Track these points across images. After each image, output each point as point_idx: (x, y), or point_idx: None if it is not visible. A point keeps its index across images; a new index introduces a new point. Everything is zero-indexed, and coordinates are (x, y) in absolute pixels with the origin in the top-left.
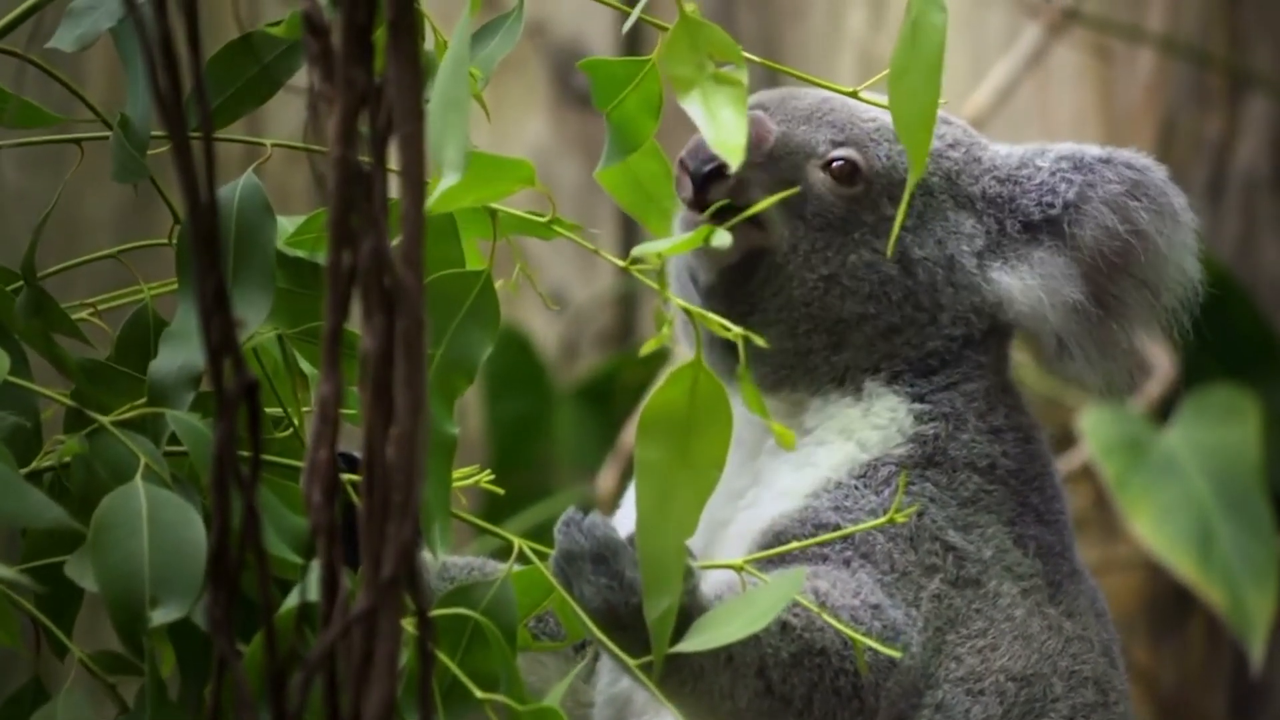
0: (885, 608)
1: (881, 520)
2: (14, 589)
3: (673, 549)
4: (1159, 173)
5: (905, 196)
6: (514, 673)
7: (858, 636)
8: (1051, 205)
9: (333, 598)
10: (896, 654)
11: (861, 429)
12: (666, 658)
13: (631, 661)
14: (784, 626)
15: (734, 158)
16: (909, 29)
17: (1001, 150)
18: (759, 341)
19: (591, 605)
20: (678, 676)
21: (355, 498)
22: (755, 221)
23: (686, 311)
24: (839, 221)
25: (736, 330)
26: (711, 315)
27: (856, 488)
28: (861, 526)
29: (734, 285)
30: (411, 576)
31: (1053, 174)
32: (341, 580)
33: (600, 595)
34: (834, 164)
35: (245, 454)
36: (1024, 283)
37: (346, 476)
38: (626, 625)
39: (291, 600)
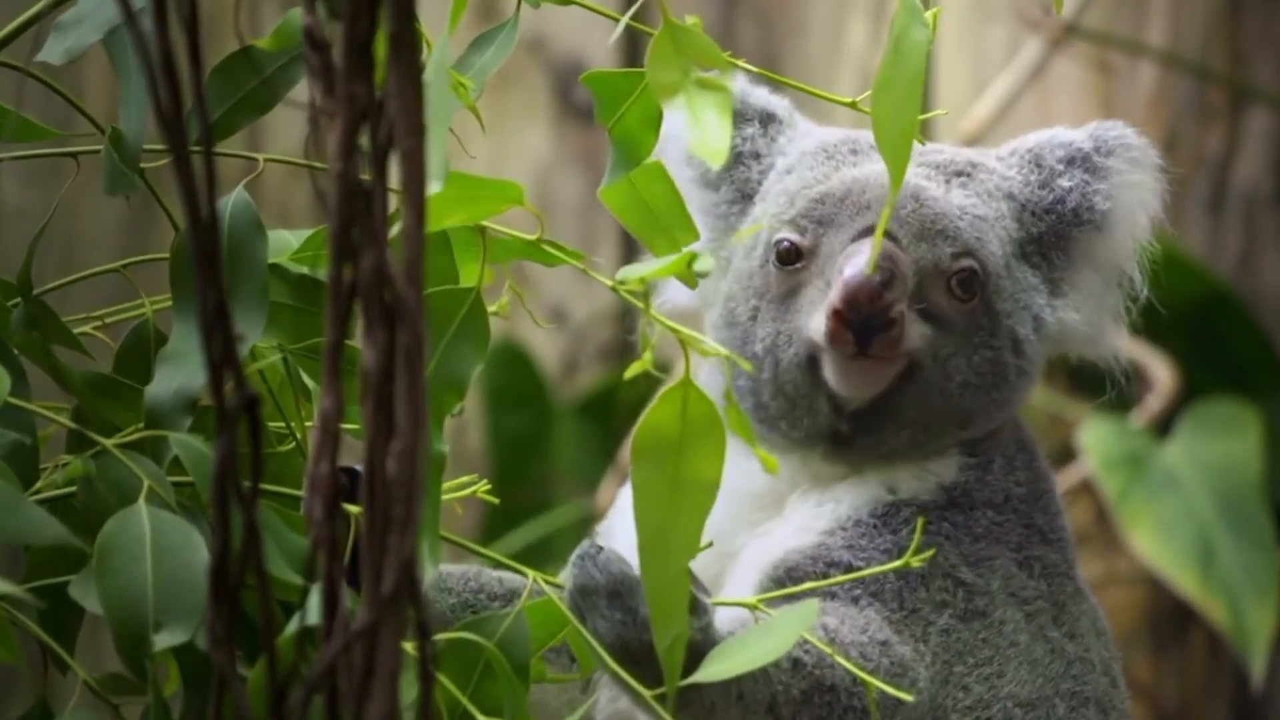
0: (893, 644)
1: (895, 565)
2: (16, 606)
3: (675, 572)
4: (1137, 138)
5: (885, 212)
6: (522, 707)
7: (867, 677)
8: (1091, 221)
9: (333, 613)
10: (907, 697)
11: (903, 477)
12: (679, 691)
13: (646, 692)
14: (795, 663)
15: (715, 160)
16: (892, 45)
17: (1013, 175)
18: (744, 366)
19: (605, 640)
20: (688, 711)
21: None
22: (900, 345)
23: (675, 332)
24: (962, 332)
25: (722, 351)
26: (697, 335)
27: (875, 526)
28: (873, 570)
29: (882, 400)
30: (413, 591)
31: (1083, 193)
32: (342, 595)
33: (614, 631)
34: (956, 276)
35: (246, 483)
36: (1082, 313)
37: (349, 507)
38: (640, 660)
39: (294, 624)
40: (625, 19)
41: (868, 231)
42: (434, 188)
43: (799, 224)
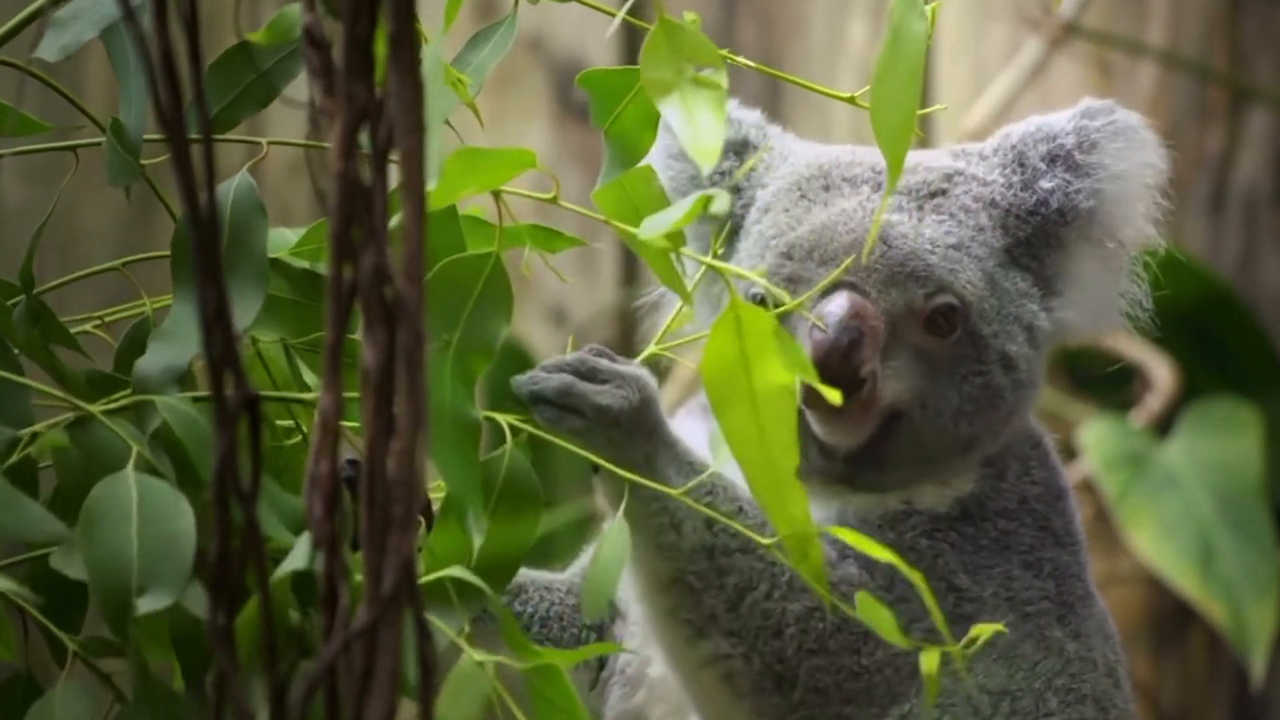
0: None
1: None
2: (17, 597)
3: (786, 478)
4: (1125, 119)
5: (882, 204)
6: (531, 536)
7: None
8: (1077, 216)
9: (333, 612)
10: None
11: (922, 494)
12: (640, 497)
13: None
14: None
15: (707, 160)
16: (891, 36)
17: (994, 178)
18: (783, 297)
19: (601, 411)
20: (650, 513)
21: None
22: (875, 401)
23: (714, 268)
24: (947, 366)
25: (758, 275)
26: (731, 267)
27: (879, 526)
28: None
29: (873, 444)
30: (412, 590)
31: (1065, 194)
32: (343, 595)
33: (603, 398)
34: (932, 315)
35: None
36: (1081, 307)
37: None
38: (634, 427)
39: (287, 566)
40: (621, 14)
41: (836, 285)
42: (429, 184)
43: (770, 279)
